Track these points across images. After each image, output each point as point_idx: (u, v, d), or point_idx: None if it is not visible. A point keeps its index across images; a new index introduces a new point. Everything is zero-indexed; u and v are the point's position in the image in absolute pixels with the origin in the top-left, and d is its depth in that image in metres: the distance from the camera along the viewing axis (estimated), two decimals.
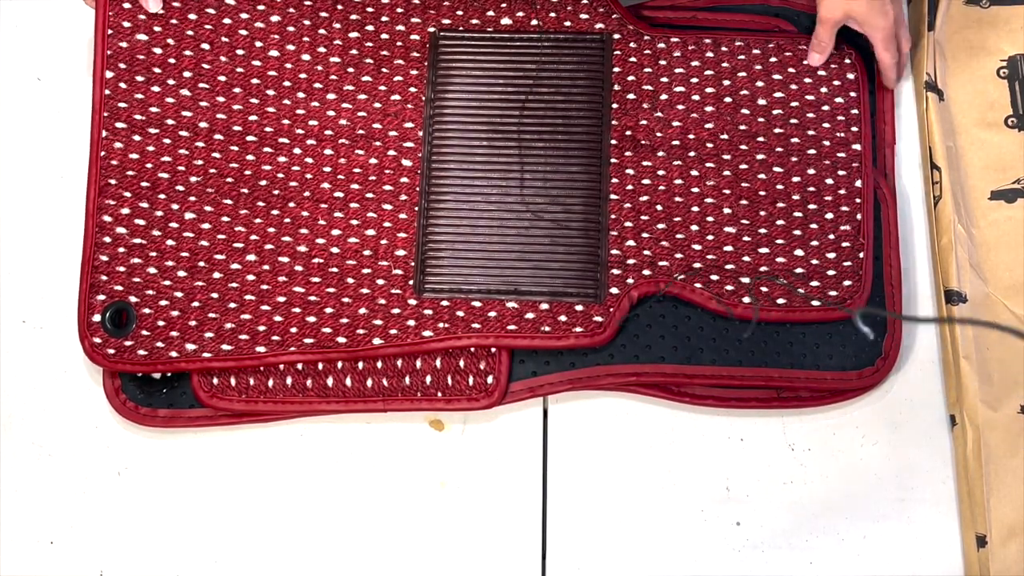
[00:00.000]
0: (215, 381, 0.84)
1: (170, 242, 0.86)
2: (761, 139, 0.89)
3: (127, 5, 0.88)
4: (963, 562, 0.83)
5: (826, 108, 0.90)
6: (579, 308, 0.86)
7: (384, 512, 0.85)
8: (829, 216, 0.87)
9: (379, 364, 0.85)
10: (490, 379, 0.84)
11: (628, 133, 0.90)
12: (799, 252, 0.87)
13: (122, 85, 0.88)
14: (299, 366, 0.85)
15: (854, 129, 0.89)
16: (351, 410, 0.84)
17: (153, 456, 0.86)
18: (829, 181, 0.88)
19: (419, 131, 0.90)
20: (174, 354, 0.84)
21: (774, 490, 0.85)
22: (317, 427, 0.87)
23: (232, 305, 0.85)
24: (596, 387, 0.86)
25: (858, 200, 0.88)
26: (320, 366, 0.85)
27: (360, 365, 0.85)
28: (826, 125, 0.90)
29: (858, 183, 0.88)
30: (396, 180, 0.89)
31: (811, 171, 0.89)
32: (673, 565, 0.83)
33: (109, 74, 0.88)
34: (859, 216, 0.87)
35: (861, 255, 0.86)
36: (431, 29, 0.92)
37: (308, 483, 0.85)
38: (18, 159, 0.94)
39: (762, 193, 0.88)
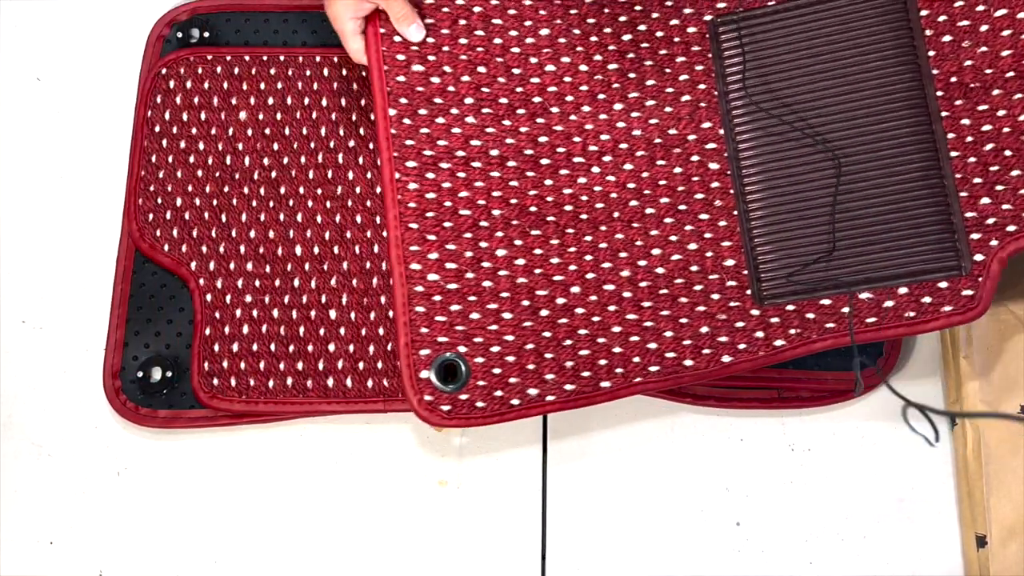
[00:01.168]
0: (215, 382, 0.84)
1: (487, 283, 0.81)
2: None
3: (398, 39, 0.83)
4: (963, 562, 0.83)
5: None
6: (943, 285, 0.78)
7: (384, 512, 0.85)
8: None
9: (379, 365, 0.85)
10: None
11: (953, 80, 0.80)
12: None
13: (406, 121, 0.82)
14: (299, 365, 0.85)
15: None
16: (352, 411, 0.84)
17: (153, 456, 0.86)
18: None
19: (719, 129, 0.84)
20: (516, 401, 0.78)
21: (774, 490, 0.85)
22: (317, 428, 0.87)
23: (568, 342, 0.80)
24: None
25: None
26: (321, 366, 0.85)
27: (361, 366, 0.85)
28: None
29: None
30: (706, 186, 0.84)
31: None
32: (673, 565, 0.83)
33: (392, 112, 0.82)
34: None
35: None
36: (707, 17, 0.86)
37: (308, 483, 0.85)
38: (18, 159, 0.94)
39: None
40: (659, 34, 0.87)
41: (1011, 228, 0.77)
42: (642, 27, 0.87)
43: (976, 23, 0.81)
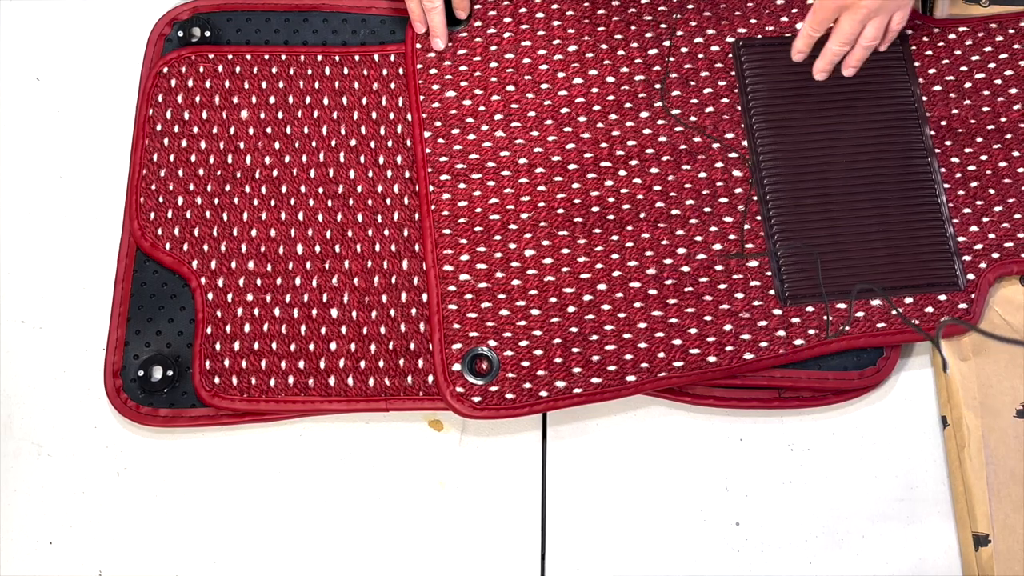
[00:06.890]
0: (217, 380, 0.84)
1: (515, 281, 0.85)
2: None
3: (433, 71, 0.92)
4: (961, 562, 0.83)
5: None
6: (942, 298, 0.86)
7: (384, 512, 0.85)
8: None
9: (381, 363, 0.85)
10: None
11: (944, 123, 0.91)
12: None
13: (440, 141, 0.90)
14: (300, 364, 0.85)
15: None
16: (353, 409, 0.84)
17: (152, 456, 0.86)
18: None
19: (742, 140, 0.90)
20: (544, 393, 0.82)
21: (774, 490, 0.85)
22: (317, 427, 0.86)
23: (594, 337, 0.84)
24: None
25: None
26: (322, 365, 0.85)
27: (362, 364, 0.85)
28: None
29: None
30: (730, 191, 0.89)
31: None
32: (673, 565, 0.83)
33: (427, 134, 0.90)
34: None
35: None
36: (729, 40, 0.93)
37: (308, 483, 0.85)
38: (18, 159, 0.94)
39: None
40: (683, 50, 0.93)
41: (996, 255, 0.87)
42: (667, 43, 0.93)
43: (960, 80, 0.93)
